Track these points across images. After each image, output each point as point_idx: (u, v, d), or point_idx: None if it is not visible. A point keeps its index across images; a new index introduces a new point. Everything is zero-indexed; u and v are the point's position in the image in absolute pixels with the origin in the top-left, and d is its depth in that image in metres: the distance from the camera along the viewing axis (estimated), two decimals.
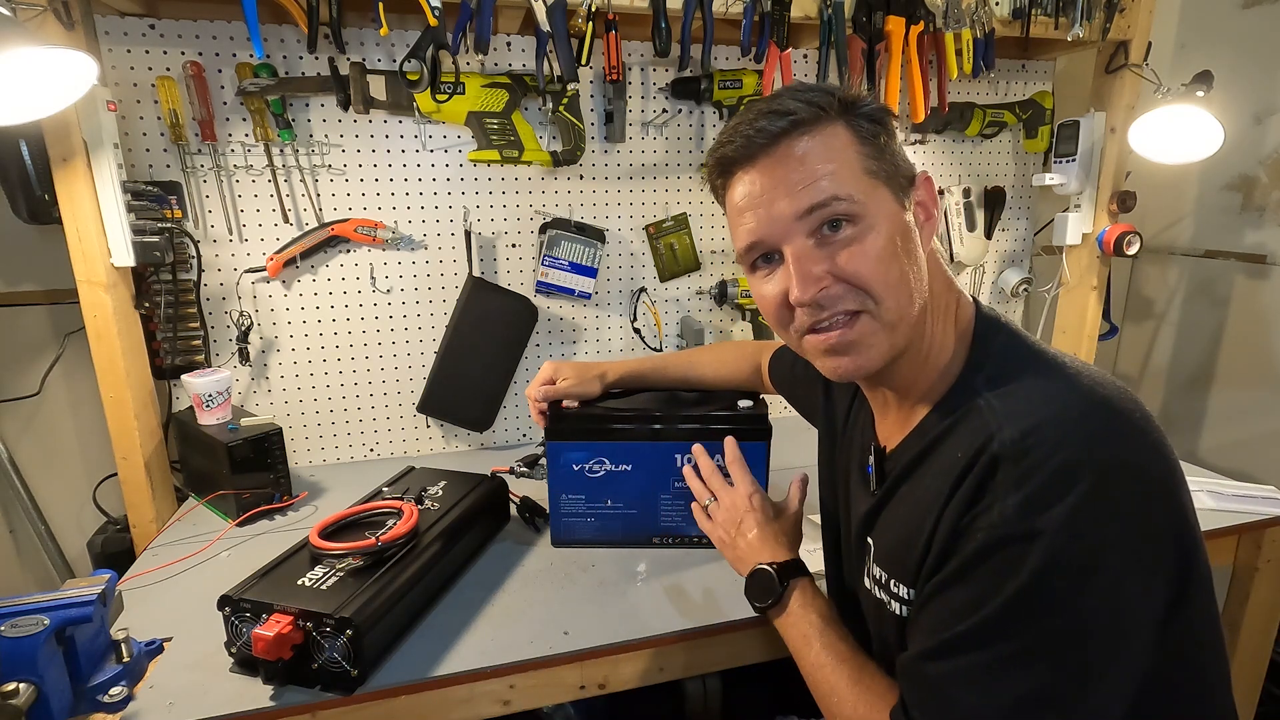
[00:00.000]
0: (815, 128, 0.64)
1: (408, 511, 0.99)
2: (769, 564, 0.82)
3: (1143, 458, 0.57)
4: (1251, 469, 1.71)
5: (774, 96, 0.67)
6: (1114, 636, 0.55)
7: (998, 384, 0.63)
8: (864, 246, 0.63)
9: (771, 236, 0.66)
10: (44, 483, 1.52)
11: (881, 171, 0.65)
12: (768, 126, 0.64)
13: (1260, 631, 1.28)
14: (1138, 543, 0.55)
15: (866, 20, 1.39)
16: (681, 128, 1.56)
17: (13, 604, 0.76)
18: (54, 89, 0.99)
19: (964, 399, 0.65)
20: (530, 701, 0.89)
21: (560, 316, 1.59)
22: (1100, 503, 0.54)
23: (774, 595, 0.79)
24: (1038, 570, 0.54)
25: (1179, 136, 1.49)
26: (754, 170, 0.66)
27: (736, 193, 0.68)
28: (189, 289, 1.35)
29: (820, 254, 0.64)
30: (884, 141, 0.66)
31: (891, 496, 0.71)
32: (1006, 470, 0.56)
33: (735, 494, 0.92)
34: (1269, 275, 1.68)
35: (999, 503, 0.56)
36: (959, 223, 1.73)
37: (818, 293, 0.64)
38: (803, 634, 0.76)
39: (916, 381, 0.70)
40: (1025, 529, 0.54)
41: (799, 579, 0.81)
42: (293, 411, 1.47)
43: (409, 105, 1.37)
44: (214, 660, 0.85)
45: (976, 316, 0.70)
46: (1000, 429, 0.58)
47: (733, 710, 1.36)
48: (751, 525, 0.87)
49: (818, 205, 0.63)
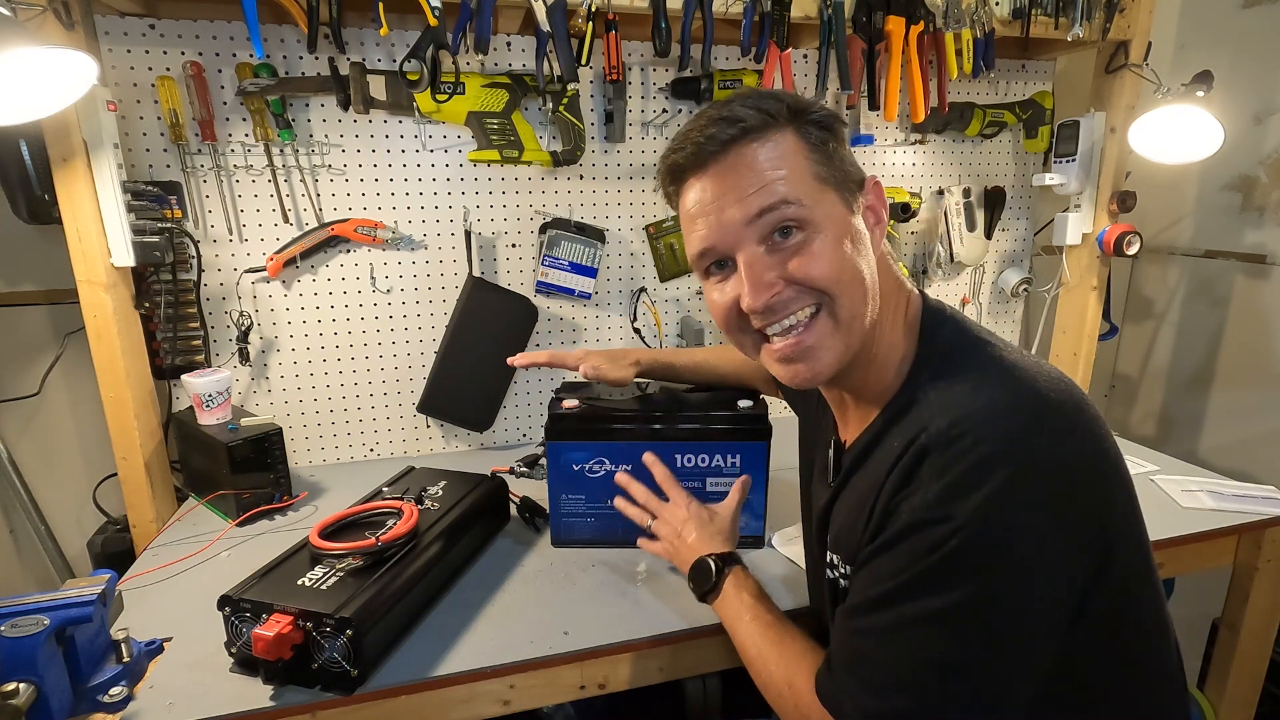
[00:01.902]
0: (765, 135, 0.66)
1: (408, 511, 0.99)
2: (708, 555, 0.88)
3: (1065, 451, 0.59)
4: (1251, 469, 1.71)
5: (724, 103, 0.68)
6: (1020, 616, 0.58)
7: (939, 379, 0.66)
8: (814, 250, 0.65)
9: (723, 243, 0.67)
10: (44, 483, 1.52)
11: (831, 177, 0.67)
12: (718, 134, 0.66)
13: (1260, 631, 1.28)
14: (1051, 532, 0.58)
15: (866, 20, 1.39)
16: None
17: (13, 604, 0.76)
18: (54, 89, 0.99)
19: (909, 395, 0.67)
20: (530, 701, 0.89)
21: (560, 316, 1.59)
22: (1015, 494, 0.56)
23: (710, 581, 0.86)
24: (950, 550, 0.57)
25: (1179, 136, 1.49)
26: (705, 177, 0.67)
27: (688, 199, 0.70)
28: (189, 289, 1.35)
29: (771, 260, 0.66)
30: (833, 148, 0.68)
31: (844, 488, 0.74)
32: (932, 460, 0.60)
33: (671, 508, 0.98)
34: (1269, 275, 1.68)
35: (922, 489, 0.60)
36: (959, 223, 1.73)
37: (770, 298, 0.66)
38: (735, 611, 0.82)
39: (869, 382, 0.72)
40: (942, 513, 0.58)
41: (734, 566, 0.87)
42: (293, 411, 1.47)
43: (409, 105, 1.37)
44: (214, 660, 0.85)
45: (923, 310, 0.72)
46: (932, 420, 0.61)
47: (733, 710, 1.36)
48: (691, 530, 0.93)
49: (767, 209, 0.65)
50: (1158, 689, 0.68)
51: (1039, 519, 0.57)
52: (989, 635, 0.58)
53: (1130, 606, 0.64)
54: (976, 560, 0.57)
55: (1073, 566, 0.59)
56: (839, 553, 0.74)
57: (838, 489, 0.75)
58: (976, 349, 0.67)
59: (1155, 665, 0.67)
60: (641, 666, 0.93)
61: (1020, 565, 0.57)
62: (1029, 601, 0.58)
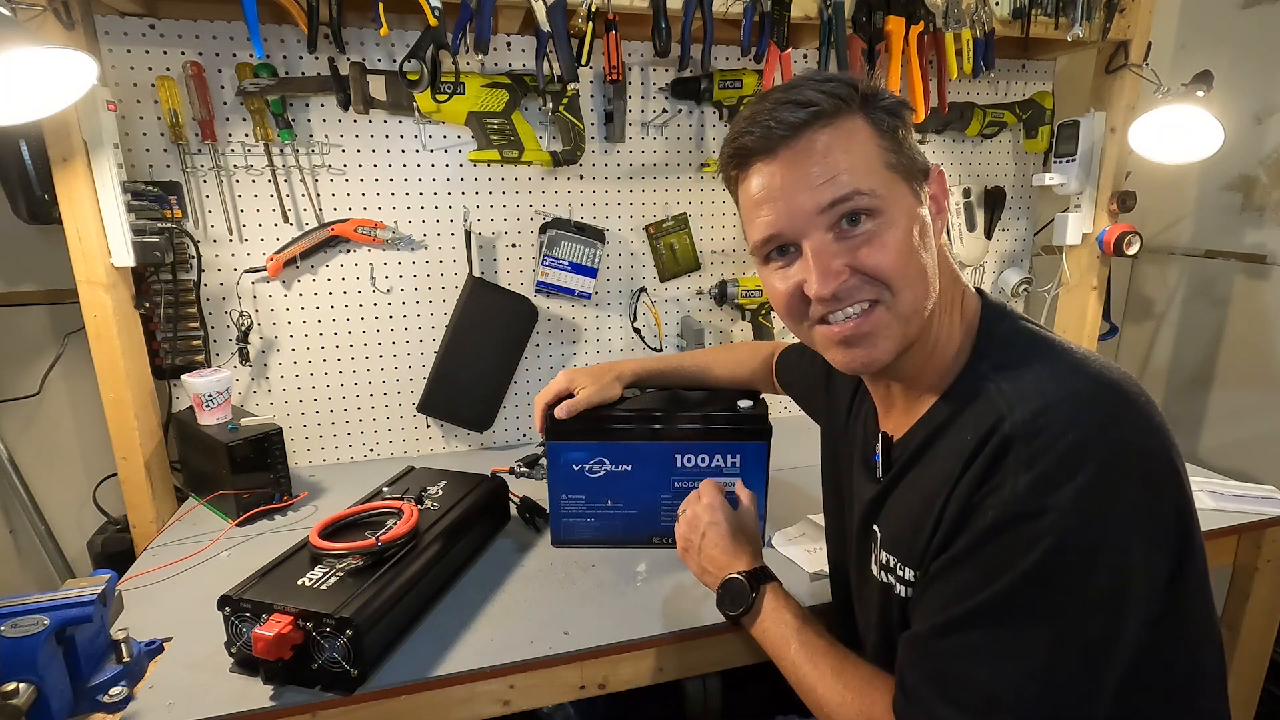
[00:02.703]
0: (836, 120, 0.63)
1: (408, 511, 0.99)
2: (739, 573, 0.83)
3: (1149, 440, 0.57)
4: (1251, 469, 1.71)
5: (792, 86, 0.65)
6: (1117, 614, 0.55)
7: (1005, 369, 0.64)
8: (884, 240, 0.63)
9: (790, 230, 0.65)
10: (44, 483, 1.52)
11: (900, 165, 0.65)
12: (788, 117, 0.63)
13: (1260, 631, 1.28)
14: (1143, 522, 0.56)
15: (866, 20, 1.39)
16: (681, 128, 1.56)
17: (13, 604, 0.76)
18: (54, 89, 0.99)
19: (971, 385, 0.65)
20: (530, 701, 0.89)
21: (560, 316, 1.59)
22: (1109, 482, 0.54)
23: (746, 601, 0.81)
24: (1048, 548, 0.54)
25: (1179, 136, 1.49)
26: (774, 162, 0.65)
27: (753, 184, 0.67)
28: (189, 289, 1.35)
29: (839, 248, 0.64)
30: (902, 135, 0.66)
31: (898, 483, 0.71)
32: (1018, 450, 0.57)
33: (700, 508, 0.92)
34: (1269, 275, 1.68)
35: (1010, 481, 0.56)
36: (959, 223, 1.73)
37: (838, 286, 0.64)
38: (780, 635, 0.77)
39: (923, 373, 0.70)
40: (1036, 507, 0.55)
41: (769, 583, 0.82)
42: (293, 411, 1.47)
43: (409, 105, 1.37)
44: (214, 660, 0.85)
45: (982, 306, 0.71)
46: (1011, 410, 0.59)
47: (733, 710, 1.36)
48: (715, 538, 0.88)
49: (839, 200, 0.63)
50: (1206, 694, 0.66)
51: (1134, 508, 0.55)
52: (1088, 637, 0.55)
53: (1200, 608, 0.62)
54: (1075, 557, 0.54)
55: (1156, 561, 0.57)
56: (896, 554, 0.70)
57: (889, 485, 0.72)
58: (1038, 342, 0.66)
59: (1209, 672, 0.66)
60: (641, 666, 0.93)
61: (1118, 559, 0.55)
62: (1126, 598, 0.55)
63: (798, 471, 1.34)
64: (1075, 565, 0.54)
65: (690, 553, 0.91)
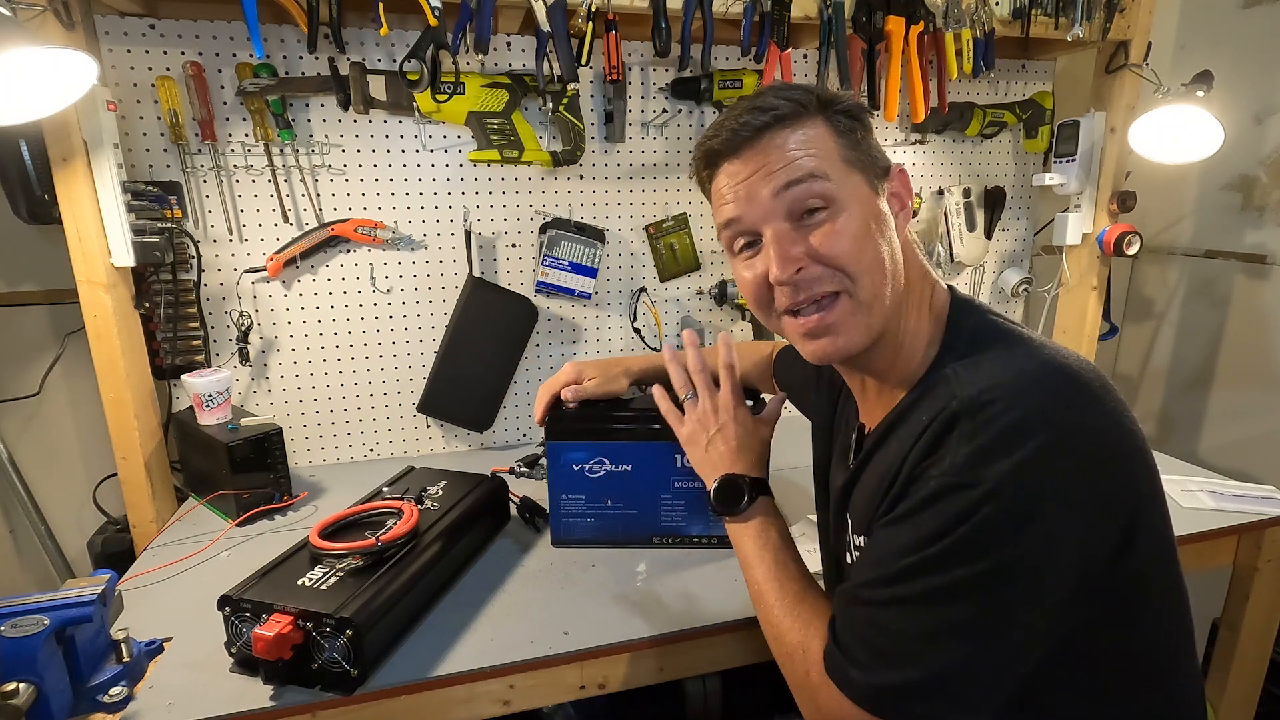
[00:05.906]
0: (796, 122, 0.68)
1: (408, 511, 0.99)
2: (743, 474, 0.85)
3: (1096, 422, 0.59)
4: (1251, 469, 1.71)
5: (757, 95, 0.71)
6: (1039, 584, 0.58)
7: (966, 358, 0.66)
8: (837, 227, 0.67)
9: (750, 216, 0.69)
10: (44, 483, 1.52)
11: (858, 161, 0.69)
12: (751, 121, 0.68)
13: (1260, 631, 1.28)
14: (1080, 502, 0.57)
15: (866, 20, 1.39)
16: (681, 128, 1.56)
17: (13, 604, 0.76)
18: (54, 89, 0.99)
19: (936, 375, 0.67)
20: (530, 701, 0.89)
21: (560, 316, 1.59)
22: (1047, 459, 0.56)
23: (739, 503, 0.83)
24: (981, 518, 0.57)
25: (1179, 136, 1.49)
26: (737, 160, 0.70)
27: (720, 181, 0.72)
28: (189, 289, 1.35)
29: (797, 235, 0.68)
30: (860, 135, 0.70)
31: (865, 467, 0.74)
32: (963, 425, 0.59)
33: (720, 399, 0.92)
34: (1269, 275, 1.68)
35: (951, 453, 0.59)
36: (959, 223, 1.73)
37: (795, 273, 0.68)
38: (760, 546, 0.80)
39: (893, 367, 0.73)
40: (972, 478, 0.57)
41: (766, 497, 0.85)
42: (293, 411, 1.47)
43: (409, 105, 1.37)
44: (214, 660, 0.85)
45: (951, 301, 0.73)
46: (961, 390, 0.61)
47: (733, 710, 1.36)
48: (730, 435, 0.89)
49: (794, 181, 0.67)
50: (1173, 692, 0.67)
51: (1069, 487, 0.57)
52: (1006, 600, 0.58)
53: (1149, 599, 0.63)
54: (1005, 528, 0.56)
55: (1095, 539, 0.59)
56: (861, 532, 0.73)
57: (858, 469, 0.75)
58: (1000, 333, 0.68)
59: (1172, 668, 0.67)
60: (641, 666, 0.93)
61: (1047, 532, 0.57)
62: (1050, 570, 0.57)
63: (798, 471, 1.34)
64: (1006, 535, 0.57)
65: (695, 444, 0.92)
